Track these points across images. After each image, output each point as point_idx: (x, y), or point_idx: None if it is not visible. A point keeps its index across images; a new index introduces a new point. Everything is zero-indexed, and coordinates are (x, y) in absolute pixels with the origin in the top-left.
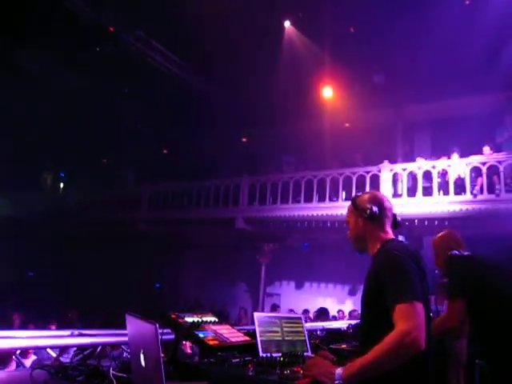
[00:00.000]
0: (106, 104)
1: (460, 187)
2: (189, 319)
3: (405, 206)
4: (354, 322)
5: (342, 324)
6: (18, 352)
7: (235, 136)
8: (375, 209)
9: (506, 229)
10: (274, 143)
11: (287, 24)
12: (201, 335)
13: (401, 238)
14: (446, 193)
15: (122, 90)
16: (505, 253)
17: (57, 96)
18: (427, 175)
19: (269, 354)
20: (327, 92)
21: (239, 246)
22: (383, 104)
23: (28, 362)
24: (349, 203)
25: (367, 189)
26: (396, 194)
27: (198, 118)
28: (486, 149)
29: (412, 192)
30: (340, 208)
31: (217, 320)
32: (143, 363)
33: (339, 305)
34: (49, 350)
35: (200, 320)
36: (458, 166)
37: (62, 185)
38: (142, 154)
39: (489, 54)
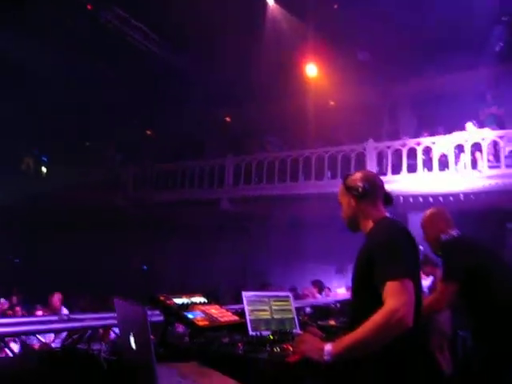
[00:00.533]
0: (86, 85)
1: (444, 164)
2: (178, 300)
3: (390, 184)
4: (341, 298)
5: (329, 301)
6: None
7: (219, 116)
8: (367, 187)
9: (489, 205)
10: (258, 122)
11: (270, 0)
12: (190, 316)
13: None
14: (430, 170)
15: (103, 70)
16: (488, 230)
17: (34, 78)
18: (412, 153)
19: (258, 333)
20: (311, 69)
21: (225, 226)
22: (368, 82)
23: (16, 347)
24: (334, 181)
25: (352, 167)
26: (381, 172)
27: (182, 99)
28: (469, 125)
29: (397, 169)
30: (326, 186)
31: (206, 301)
32: (133, 346)
33: (327, 283)
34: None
35: (189, 301)
36: (441, 143)
37: (44, 169)
38: (126, 136)
39: (473, 33)
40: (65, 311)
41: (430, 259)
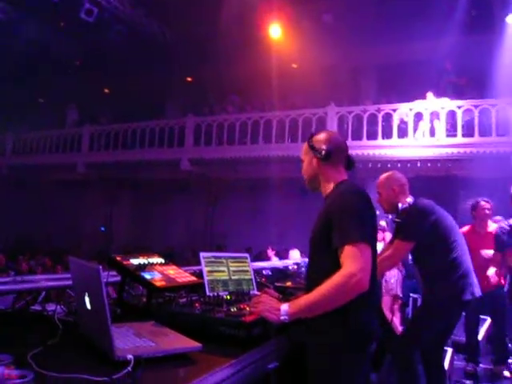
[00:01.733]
0: (41, 41)
1: (403, 131)
2: (135, 261)
3: (350, 149)
4: (299, 261)
5: (287, 263)
6: None
7: (180, 76)
8: (330, 150)
9: (444, 172)
10: (219, 83)
11: None
12: (147, 276)
13: None
14: (390, 136)
15: (59, 23)
16: (442, 196)
17: None
18: (372, 119)
19: (215, 293)
20: (275, 30)
21: (186, 188)
22: (331, 46)
23: None
24: (295, 144)
25: (313, 131)
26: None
27: (141, 58)
28: (429, 94)
29: (357, 135)
30: (286, 149)
31: (163, 261)
32: (88, 306)
33: (286, 246)
34: None
35: (146, 261)
36: (401, 110)
37: None
38: (83, 94)
39: (436, 2)
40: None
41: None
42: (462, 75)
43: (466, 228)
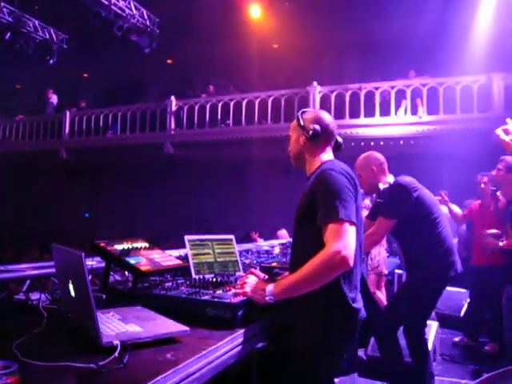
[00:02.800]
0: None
1: (385, 109)
2: (119, 246)
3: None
4: (283, 241)
5: (272, 243)
6: None
7: (160, 58)
8: (318, 130)
9: (426, 149)
10: (201, 65)
11: None
12: (132, 261)
13: None
14: (373, 115)
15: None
16: (424, 173)
17: None
18: (355, 97)
19: (201, 276)
20: (255, 10)
21: (170, 172)
22: (312, 25)
23: None
24: (277, 125)
25: (296, 111)
26: None
27: (121, 40)
28: (411, 73)
29: (340, 114)
30: (269, 130)
31: (147, 245)
32: (73, 293)
33: (272, 226)
34: None
35: (130, 246)
36: (383, 88)
37: None
38: (62, 78)
39: None
40: None
41: None
42: (442, 51)
43: (473, 203)
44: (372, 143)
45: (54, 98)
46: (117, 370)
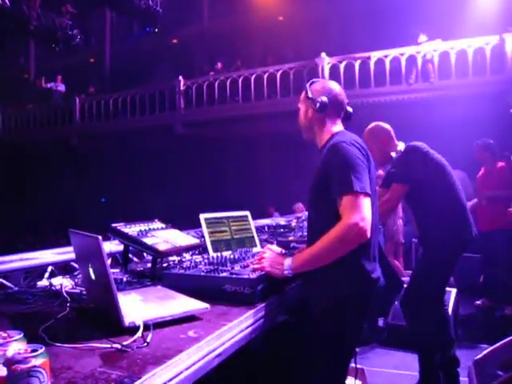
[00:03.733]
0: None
1: (396, 78)
2: (136, 228)
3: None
4: (299, 214)
5: (288, 218)
6: None
7: (166, 39)
8: (326, 102)
9: (438, 116)
10: (206, 42)
11: None
12: (150, 242)
13: None
14: (384, 84)
15: None
16: (441, 140)
17: None
18: (364, 67)
19: (219, 254)
20: None
21: (181, 153)
22: None
23: None
24: (287, 99)
25: (305, 83)
26: None
27: (127, 24)
28: (422, 37)
29: (350, 84)
30: (279, 104)
31: (164, 226)
32: (93, 277)
33: (287, 202)
34: None
35: (147, 228)
36: (393, 55)
37: None
38: (70, 65)
39: None
40: None
41: None
42: (452, 14)
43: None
44: (383, 112)
45: (62, 87)
46: (141, 348)
